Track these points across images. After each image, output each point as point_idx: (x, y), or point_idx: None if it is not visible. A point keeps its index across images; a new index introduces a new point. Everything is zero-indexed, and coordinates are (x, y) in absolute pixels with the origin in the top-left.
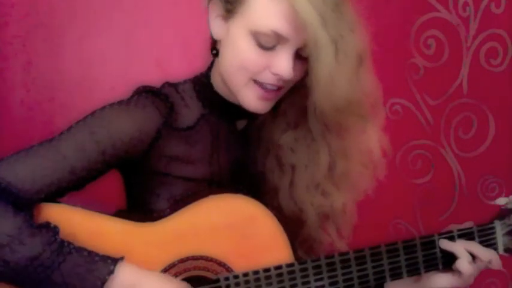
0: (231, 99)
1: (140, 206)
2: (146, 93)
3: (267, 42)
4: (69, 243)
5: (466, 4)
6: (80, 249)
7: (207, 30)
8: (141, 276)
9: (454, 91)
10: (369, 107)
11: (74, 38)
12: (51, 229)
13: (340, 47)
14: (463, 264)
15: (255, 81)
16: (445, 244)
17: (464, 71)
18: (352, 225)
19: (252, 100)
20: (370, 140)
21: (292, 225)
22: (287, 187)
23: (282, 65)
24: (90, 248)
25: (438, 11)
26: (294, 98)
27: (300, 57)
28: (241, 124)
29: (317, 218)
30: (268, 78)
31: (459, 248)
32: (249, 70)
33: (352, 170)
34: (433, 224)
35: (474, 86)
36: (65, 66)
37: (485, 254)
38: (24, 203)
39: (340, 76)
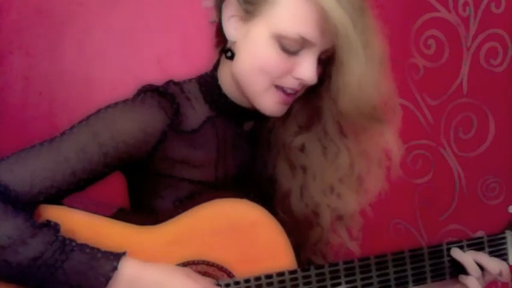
0: (240, 102)
1: (144, 207)
2: (152, 92)
3: (291, 47)
4: (71, 240)
5: (466, 4)
6: (82, 246)
7: (207, 29)
8: (145, 269)
9: (454, 91)
10: (386, 110)
11: (74, 38)
12: (52, 227)
13: (368, 52)
14: (472, 281)
15: (276, 86)
16: (456, 253)
17: (464, 71)
18: (360, 225)
19: (271, 104)
20: (387, 141)
21: (303, 228)
22: (299, 190)
23: (306, 70)
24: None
25: (438, 11)
26: (305, 99)
27: (319, 60)
28: (248, 125)
29: (330, 220)
30: (289, 82)
31: (469, 260)
32: (271, 74)
33: (369, 171)
34: (433, 224)
35: (474, 86)
36: (65, 66)
37: (495, 267)
38: (23, 205)
39: (367, 81)
